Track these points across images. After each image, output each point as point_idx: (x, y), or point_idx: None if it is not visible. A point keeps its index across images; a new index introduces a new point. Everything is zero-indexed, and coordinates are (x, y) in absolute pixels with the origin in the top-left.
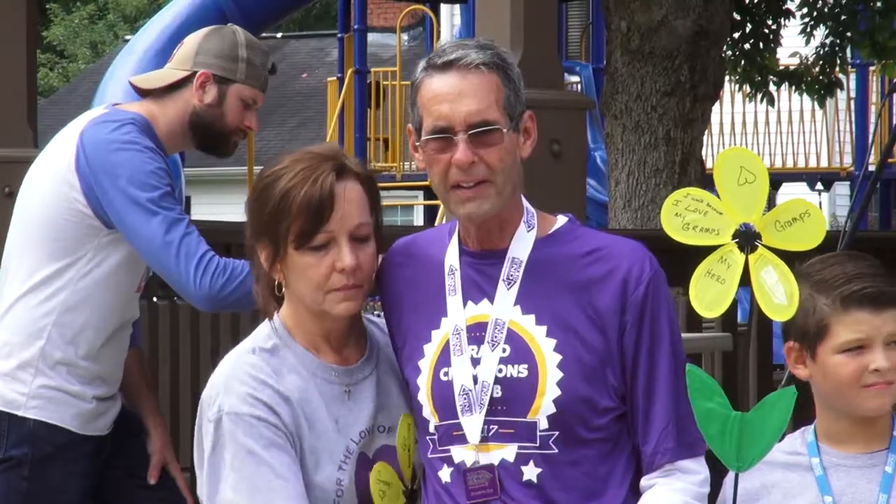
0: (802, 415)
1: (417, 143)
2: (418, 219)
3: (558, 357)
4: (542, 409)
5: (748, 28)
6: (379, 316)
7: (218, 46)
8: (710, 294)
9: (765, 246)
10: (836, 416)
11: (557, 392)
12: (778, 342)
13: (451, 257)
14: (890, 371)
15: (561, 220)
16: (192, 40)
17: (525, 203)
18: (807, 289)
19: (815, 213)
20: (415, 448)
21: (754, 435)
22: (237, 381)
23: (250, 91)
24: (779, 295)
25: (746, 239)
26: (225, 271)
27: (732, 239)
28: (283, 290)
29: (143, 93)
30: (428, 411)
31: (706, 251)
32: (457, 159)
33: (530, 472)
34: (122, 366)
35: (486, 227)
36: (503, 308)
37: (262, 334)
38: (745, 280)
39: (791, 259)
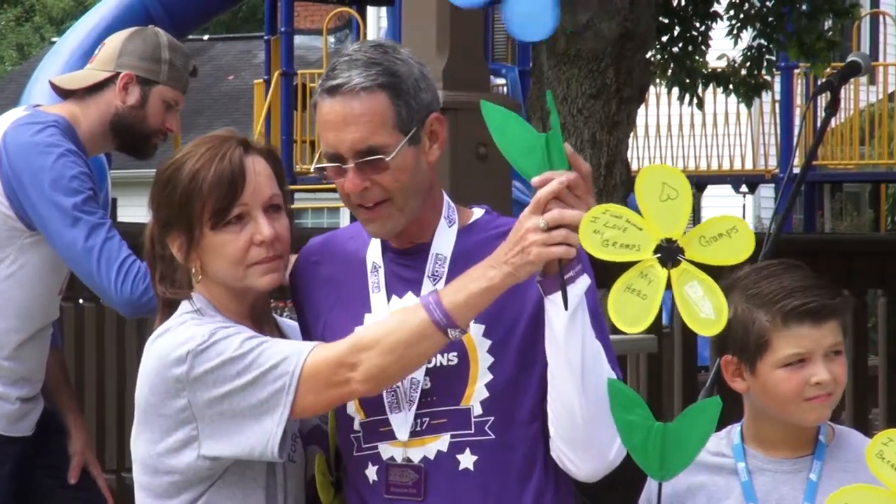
0: (727, 418)
1: None
2: (344, 220)
3: (488, 342)
4: (476, 394)
5: (676, 31)
6: (289, 317)
7: (141, 48)
8: (631, 310)
9: (688, 260)
10: (770, 423)
11: (489, 376)
12: (703, 344)
13: (374, 254)
14: (830, 383)
15: (478, 211)
16: (115, 41)
17: (446, 198)
18: (743, 302)
19: (743, 229)
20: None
21: (677, 445)
22: (190, 330)
23: (172, 93)
24: (705, 310)
25: (669, 254)
26: (146, 276)
27: (654, 254)
28: (198, 278)
29: (63, 93)
30: (353, 408)
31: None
32: (348, 189)
33: (466, 460)
34: (45, 366)
35: (404, 231)
36: None
37: (190, 310)
38: (669, 283)
39: (715, 272)
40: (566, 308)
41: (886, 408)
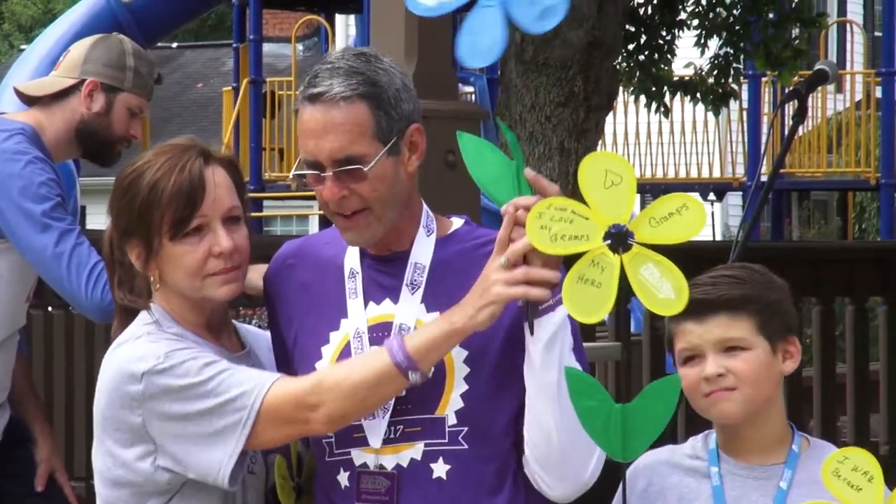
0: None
1: None
2: (313, 228)
3: (464, 353)
4: (451, 404)
5: (643, 39)
6: (258, 325)
7: (106, 55)
8: (586, 300)
9: (640, 243)
10: (722, 427)
11: (465, 387)
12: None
13: (352, 260)
14: (726, 378)
15: (457, 221)
16: (79, 48)
17: (425, 207)
18: None
19: (694, 206)
20: (297, 442)
21: (639, 425)
22: (147, 347)
23: (137, 100)
24: (664, 290)
25: (618, 239)
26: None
27: (604, 241)
28: (157, 287)
29: (29, 100)
30: None
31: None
32: (326, 196)
33: (439, 469)
34: (10, 374)
35: (382, 240)
36: (408, 313)
37: (148, 321)
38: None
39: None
40: (531, 333)
41: (854, 416)
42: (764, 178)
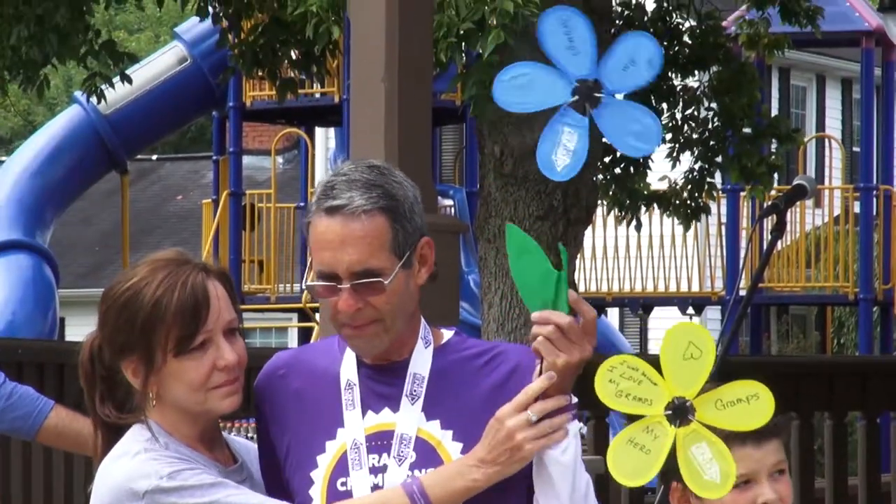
0: None
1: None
2: (292, 341)
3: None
4: None
5: (619, 153)
6: (249, 437)
7: None
8: (632, 463)
9: (699, 422)
10: None
11: None
12: None
13: (348, 371)
14: (778, 502)
15: (447, 333)
16: None
17: (422, 319)
18: None
19: (765, 396)
20: None
21: None
22: (148, 465)
23: None
24: (711, 472)
25: (680, 413)
26: (11, 397)
27: (665, 411)
28: (153, 403)
29: None
30: None
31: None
32: (341, 308)
33: None
34: None
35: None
36: (409, 423)
37: (144, 438)
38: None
39: None
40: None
41: None
42: (742, 293)
